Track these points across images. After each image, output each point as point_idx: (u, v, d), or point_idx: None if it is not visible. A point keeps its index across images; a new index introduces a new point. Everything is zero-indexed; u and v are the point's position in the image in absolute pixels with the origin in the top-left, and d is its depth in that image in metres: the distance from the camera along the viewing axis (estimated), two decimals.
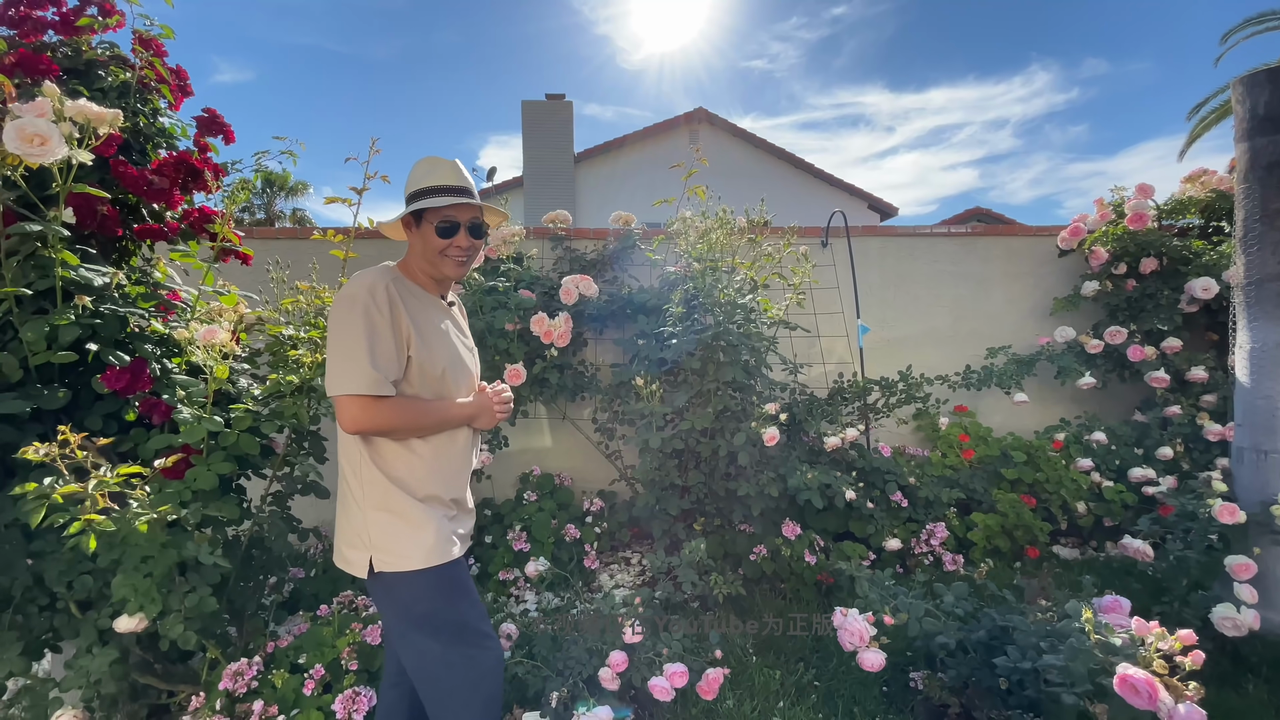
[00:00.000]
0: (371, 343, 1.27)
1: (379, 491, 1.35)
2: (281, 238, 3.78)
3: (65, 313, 1.62)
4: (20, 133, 1.37)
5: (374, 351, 1.27)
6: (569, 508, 3.57)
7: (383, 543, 1.34)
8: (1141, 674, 1.50)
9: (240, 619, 2.22)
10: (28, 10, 1.96)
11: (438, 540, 1.36)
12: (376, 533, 1.34)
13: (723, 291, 2.83)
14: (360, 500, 1.36)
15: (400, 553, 1.34)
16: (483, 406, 1.50)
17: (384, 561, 1.34)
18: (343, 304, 1.30)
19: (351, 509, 1.39)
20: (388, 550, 1.34)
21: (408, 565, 1.33)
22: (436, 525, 1.37)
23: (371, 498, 1.35)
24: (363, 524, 1.35)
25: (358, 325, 1.27)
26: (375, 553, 1.34)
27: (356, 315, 1.28)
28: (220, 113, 2.07)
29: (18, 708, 2.12)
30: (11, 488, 1.73)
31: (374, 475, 1.36)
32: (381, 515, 1.35)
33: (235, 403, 1.94)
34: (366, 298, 1.29)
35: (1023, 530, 3.22)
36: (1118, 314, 3.94)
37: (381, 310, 1.29)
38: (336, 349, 1.29)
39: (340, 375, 1.27)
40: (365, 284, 1.31)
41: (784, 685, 2.27)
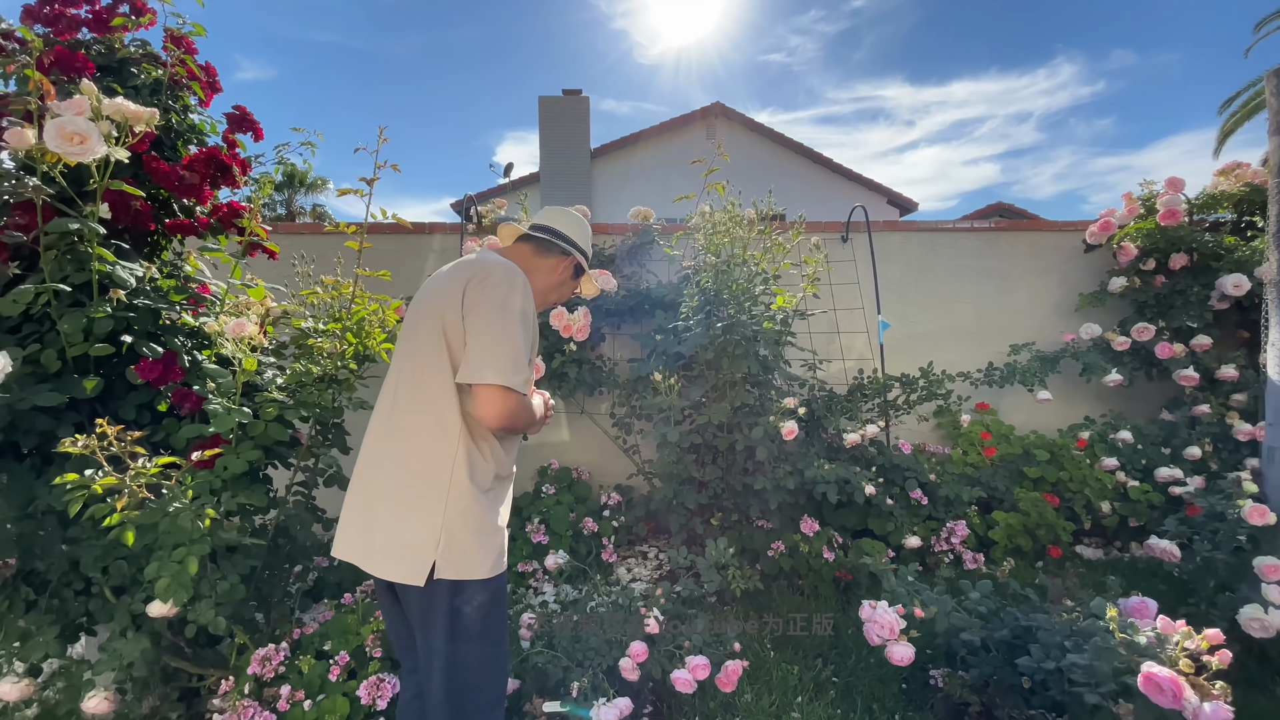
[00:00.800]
0: (524, 338, 1.30)
1: (468, 491, 1.29)
2: (304, 233, 3.84)
3: (101, 306, 1.66)
4: (61, 131, 1.40)
5: (525, 348, 1.31)
6: (587, 501, 3.59)
7: (459, 546, 1.27)
8: (1167, 672, 1.47)
9: (267, 606, 2.27)
10: (62, 8, 2.01)
11: (500, 549, 1.35)
12: (455, 535, 1.27)
13: (736, 284, 2.82)
14: (443, 497, 1.28)
15: (474, 561, 1.28)
16: (544, 411, 1.55)
17: (453, 568, 1.26)
18: (505, 293, 1.31)
19: (424, 504, 1.28)
20: (461, 557, 1.27)
21: (477, 573, 1.28)
22: (504, 534, 1.37)
23: (458, 496, 1.28)
24: (437, 522, 1.27)
25: (517, 321, 1.30)
26: (443, 559, 1.25)
27: (516, 311, 1.30)
28: (249, 109, 2.10)
29: (52, 689, 2.19)
30: (49, 475, 1.79)
31: (466, 471, 1.29)
32: (462, 517, 1.28)
33: (262, 393, 1.98)
34: (527, 295, 1.34)
35: (1045, 529, 3.18)
36: (1146, 310, 3.87)
37: (531, 312, 1.36)
38: (498, 337, 1.28)
39: (497, 365, 1.25)
40: (525, 282, 1.35)
41: (802, 680, 2.27)
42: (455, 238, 3.91)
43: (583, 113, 13.28)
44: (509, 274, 1.34)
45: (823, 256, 3.01)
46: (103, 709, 1.76)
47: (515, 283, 1.33)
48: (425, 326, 1.35)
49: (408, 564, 1.26)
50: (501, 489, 1.41)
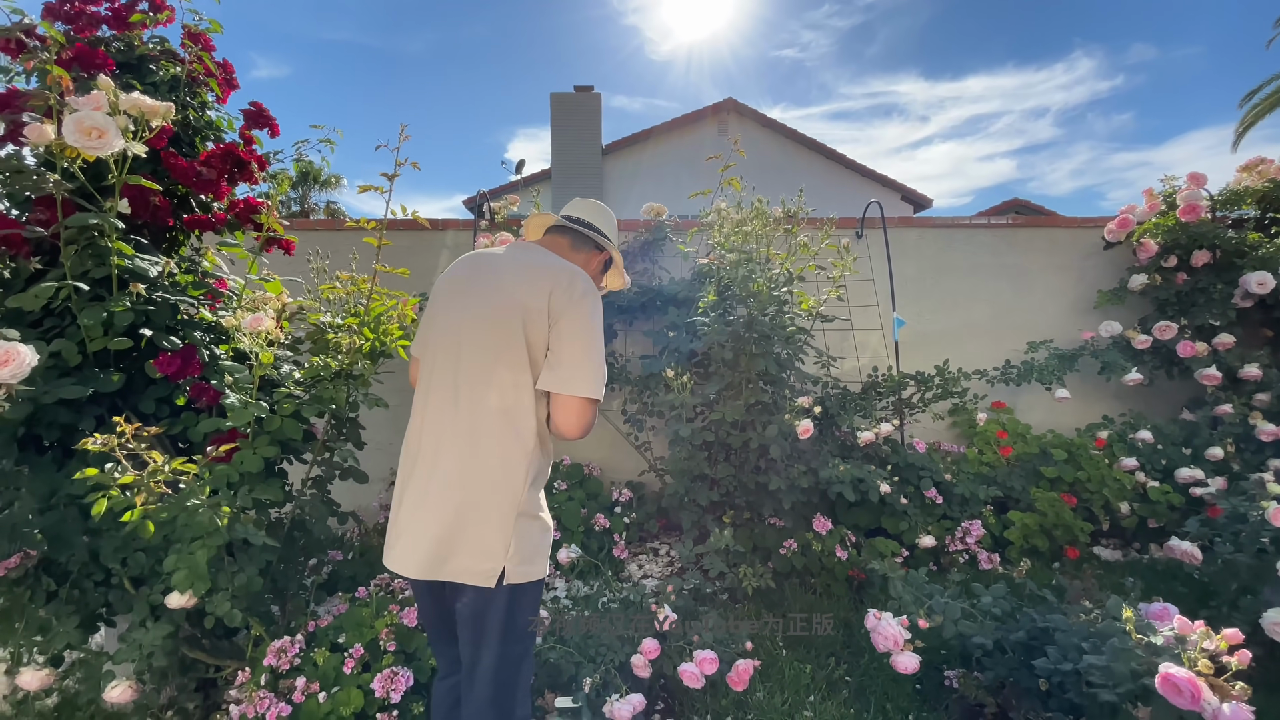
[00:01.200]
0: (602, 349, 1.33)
1: (534, 496, 1.31)
2: (319, 229, 3.86)
3: (121, 300, 1.67)
4: (79, 125, 1.41)
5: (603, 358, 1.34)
6: (598, 498, 3.59)
7: (526, 551, 1.27)
8: (1184, 673, 1.45)
9: (283, 598, 2.29)
10: (82, 5, 2.02)
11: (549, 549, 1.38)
12: (523, 540, 1.27)
13: (757, 283, 2.80)
14: (514, 503, 1.26)
15: (538, 564, 1.31)
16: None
17: (519, 573, 1.26)
18: (593, 305, 1.32)
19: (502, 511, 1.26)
20: (529, 560, 1.28)
21: (539, 575, 1.32)
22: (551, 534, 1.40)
23: (530, 500, 1.29)
24: (505, 528, 1.25)
25: (599, 328, 1.32)
26: (511, 564, 1.25)
27: (599, 317, 1.32)
28: (265, 106, 2.11)
29: (72, 678, 2.23)
30: (71, 467, 1.81)
31: (532, 476, 1.30)
32: (530, 522, 1.29)
33: (278, 388, 1.99)
34: (600, 303, 1.35)
35: (1062, 530, 3.14)
36: (1167, 308, 3.80)
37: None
38: (589, 350, 1.28)
39: (588, 378, 1.27)
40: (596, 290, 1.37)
41: (815, 679, 2.26)
42: (468, 234, 3.92)
43: (594, 109, 13.26)
44: (592, 284, 1.35)
45: (850, 260, 2.98)
46: (124, 698, 1.78)
47: (595, 290, 1.35)
48: (501, 324, 1.28)
49: (480, 568, 1.24)
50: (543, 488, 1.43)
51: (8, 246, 1.68)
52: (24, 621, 1.85)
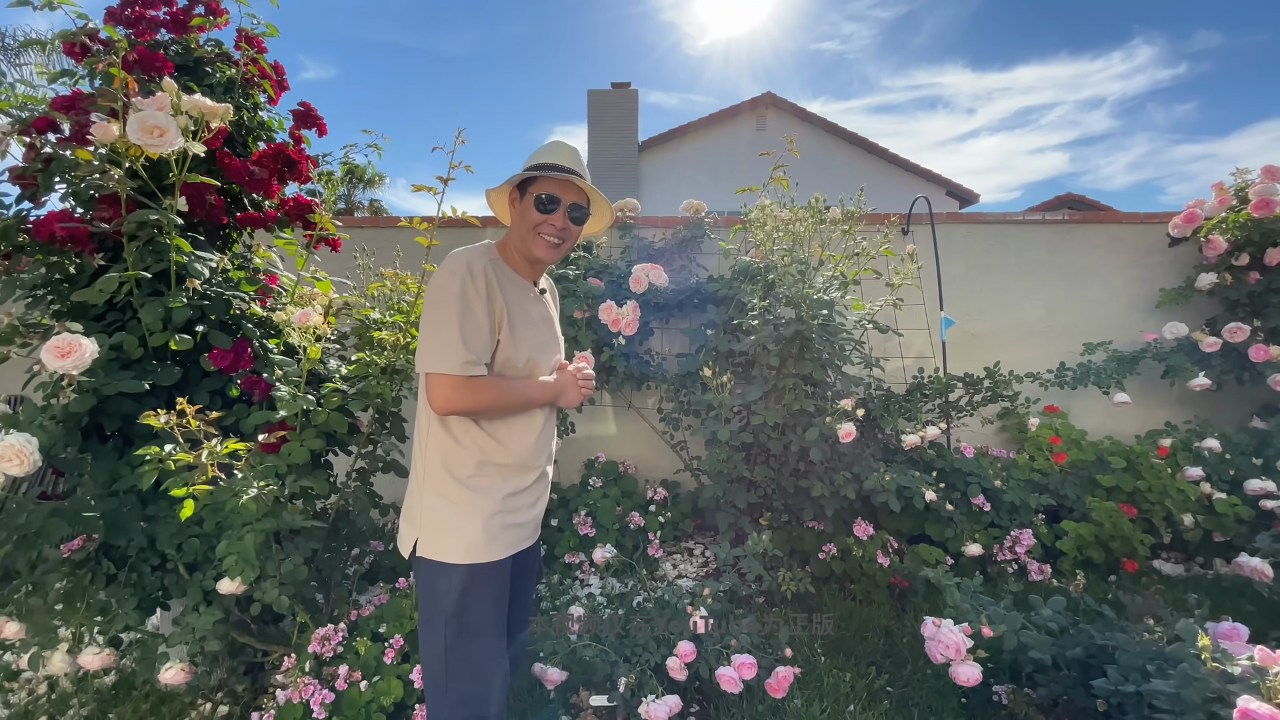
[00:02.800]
0: (463, 320, 1.25)
1: (438, 474, 1.34)
2: (365, 226, 3.94)
3: (178, 295, 1.73)
4: (142, 124, 1.46)
5: (465, 330, 1.25)
6: (633, 496, 3.58)
7: (430, 528, 1.33)
8: (1266, 709, 1.35)
9: (327, 587, 2.34)
10: (142, 10, 2.10)
11: (483, 538, 1.32)
12: (428, 516, 1.34)
13: (809, 286, 2.73)
14: (421, 480, 1.36)
15: (443, 542, 1.32)
16: (566, 384, 1.47)
17: (426, 547, 1.33)
18: (441, 280, 1.28)
19: (413, 484, 1.40)
20: (433, 537, 1.33)
21: (445, 556, 1.31)
22: (485, 521, 1.32)
23: (432, 480, 1.34)
24: (419, 504, 1.35)
25: (454, 303, 1.25)
26: (421, 535, 1.34)
27: (453, 293, 1.26)
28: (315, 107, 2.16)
29: (129, 659, 2.32)
30: (130, 456, 1.89)
31: (439, 457, 1.34)
32: (437, 500, 1.33)
33: (325, 382, 2.03)
34: (465, 275, 1.26)
35: (1120, 542, 2.99)
36: (1237, 309, 3.58)
37: (479, 290, 1.27)
38: (432, 326, 1.27)
39: (434, 353, 1.26)
40: (464, 262, 1.28)
41: (855, 688, 2.20)
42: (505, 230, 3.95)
43: (631, 105, 13.27)
44: (448, 262, 1.31)
45: (914, 270, 2.89)
46: (178, 679, 1.84)
47: (452, 262, 1.30)
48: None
49: (405, 532, 1.39)
50: (514, 458, 1.38)
51: (74, 244, 1.75)
52: (85, 603, 1.93)
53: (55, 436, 1.68)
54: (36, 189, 1.90)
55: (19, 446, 1.52)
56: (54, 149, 1.86)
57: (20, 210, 1.91)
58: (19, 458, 1.51)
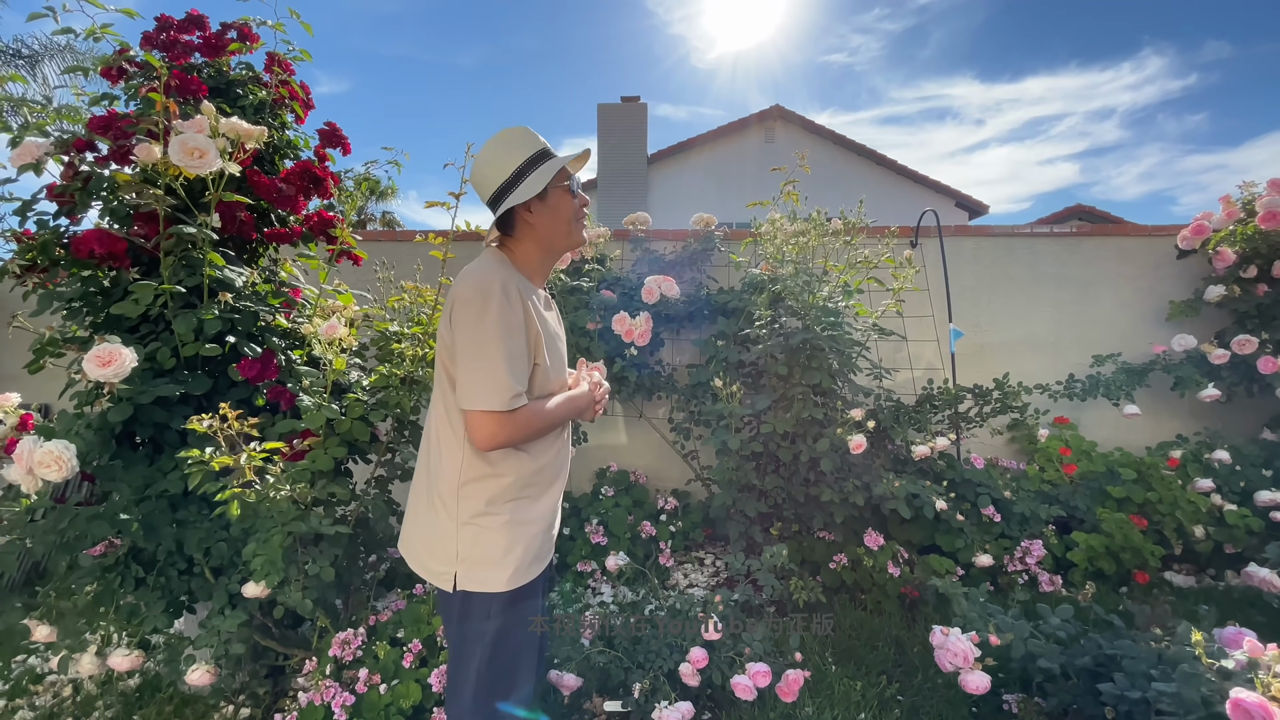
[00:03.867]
0: (509, 351, 1.17)
1: (476, 505, 1.26)
2: (382, 239, 4.03)
3: (210, 308, 1.80)
4: (183, 146, 1.54)
5: (511, 362, 1.17)
6: (644, 505, 3.62)
7: (473, 563, 1.25)
8: (1255, 698, 1.39)
9: (345, 593, 2.39)
10: (176, 35, 2.19)
11: (526, 560, 1.28)
12: (466, 549, 1.25)
13: (814, 295, 2.78)
14: (454, 511, 1.26)
15: (488, 574, 1.25)
16: (588, 400, 1.43)
17: (468, 580, 1.25)
18: (477, 302, 1.18)
19: (440, 518, 1.28)
20: (474, 570, 1.25)
21: (491, 587, 1.25)
22: (527, 542, 1.28)
23: (469, 510, 1.26)
24: (453, 537, 1.26)
25: (495, 330, 1.16)
26: (461, 569, 1.25)
27: (493, 316, 1.16)
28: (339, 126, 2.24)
29: (153, 661, 2.38)
30: (161, 461, 1.95)
31: (478, 485, 1.26)
32: (476, 531, 1.25)
33: (347, 392, 2.10)
34: (500, 297, 1.17)
35: (1131, 553, 2.99)
36: (1246, 321, 3.59)
37: (516, 312, 1.19)
38: (473, 357, 1.18)
39: (477, 388, 1.17)
40: (496, 280, 1.19)
41: (866, 697, 2.22)
42: None
43: (640, 119, 13.41)
44: (477, 282, 1.20)
45: (912, 274, 2.94)
46: (203, 681, 1.89)
47: (483, 282, 1.19)
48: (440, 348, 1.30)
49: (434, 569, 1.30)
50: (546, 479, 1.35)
51: (111, 259, 1.82)
52: (114, 606, 1.99)
53: (91, 444, 1.75)
54: (74, 206, 1.99)
55: (58, 452, 1.59)
56: (92, 168, 1.95)
57: (58, 226, 2.00)
58: (58, 463, 1.58)
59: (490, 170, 1.29)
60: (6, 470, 1.80)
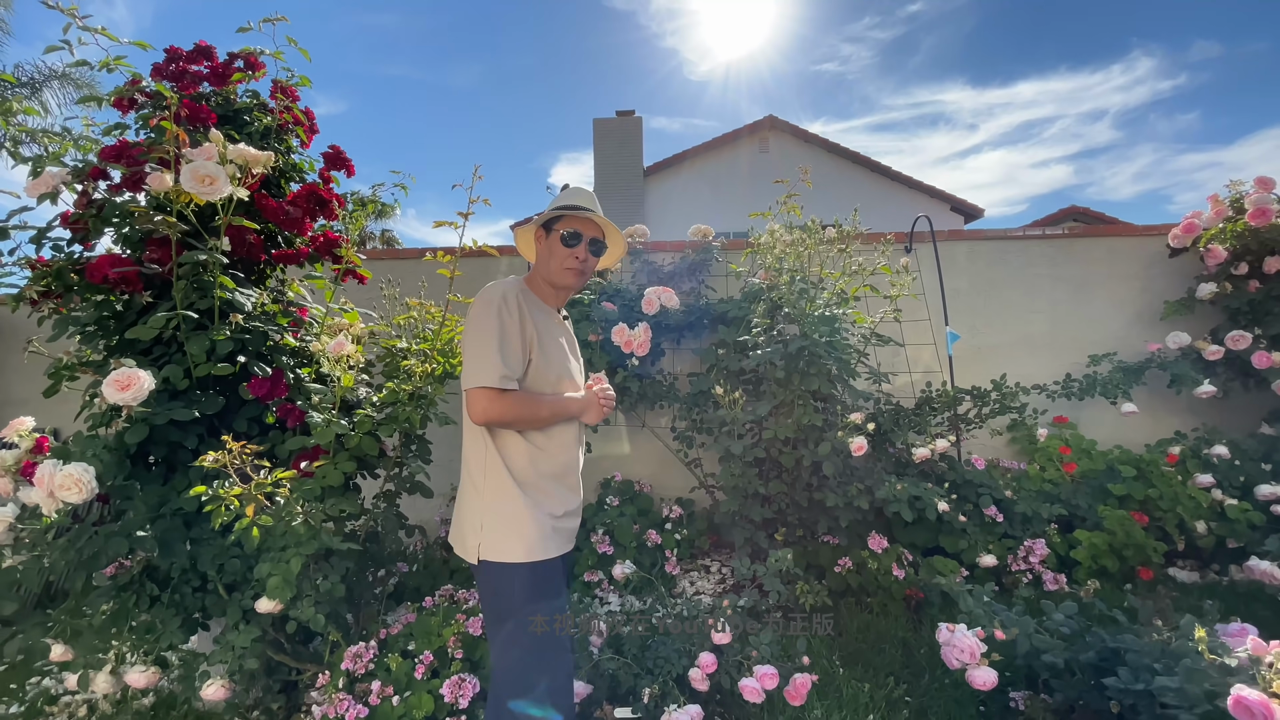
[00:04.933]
0: (501, 341, 1.42)
1: (496, 482, 1.47)
2: (386, 258, 4.09)
3: (222, 329, 1.85)
4: (194, 174, 1.59)
5: (503, 349, 1.41)
6: (649, 514, 3.64)
7: (492, 532, 1.46)
8: (1257, 695, 1.41)
9: (356, 607, 2.42)
10: (185, 65, 2.26)
11: (539, 537, 1.45)
12: (489, 521, 1.46)
13: (810, 303, 2.83)
14: (481, 489, 1.49)
15: (505, 544, 1.44)
16: (590, 401, 1.61)
17: (489, 550, 1.45)
18: (479, 307, 1.46)
19: (471, 497, 1.51)
20: (495, 540, 1.45)
21: (509, 557, 1.44)
22: (539, 522, 1.46)
23: (490, 488, 1.47)
24: (480, 511, 1.48)
25: (491, 325, 1.42)
26: (484, 541, 1.46)
27: (490, 316, 1.43)
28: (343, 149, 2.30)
29: (167, 678, 2.40)
30: (175, 481, 1.99)
31: (495, 466, 1.47)
32: (495, 505, 1.46)
33: (355, 408, 2.14)
34: (500, 302, 1.45)
35: (1133, 550, 3.01)
36: (1239, 317, 3.63)
37: (511, 314, 1.44)
38: (472, 346, 1.44)
39: (473, 370, 1.41)
40: (499, 291, 1.47)
41: (873, 699, 2.24)
42: (522, 260, 4.08)
43: (635, 132, 13.55)
44: (483, 293, 1.49)
45: (909, 280, 2.99)
46: (218, 696, 1.92)
47: (488, 292, 1.48)
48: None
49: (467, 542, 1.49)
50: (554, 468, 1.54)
51: (125, 284, 1.87)
52: (129, 624, 2.02)
53: (107, 465, 1.79)
54: (87, 232, 2.04)
55: (77, 475, 1.63)
56: (105, 196, 2.01)
57: (72, 253, 2.05)
58: (78, 486, 1.62)
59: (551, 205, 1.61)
60: (25, 492, 1.84)
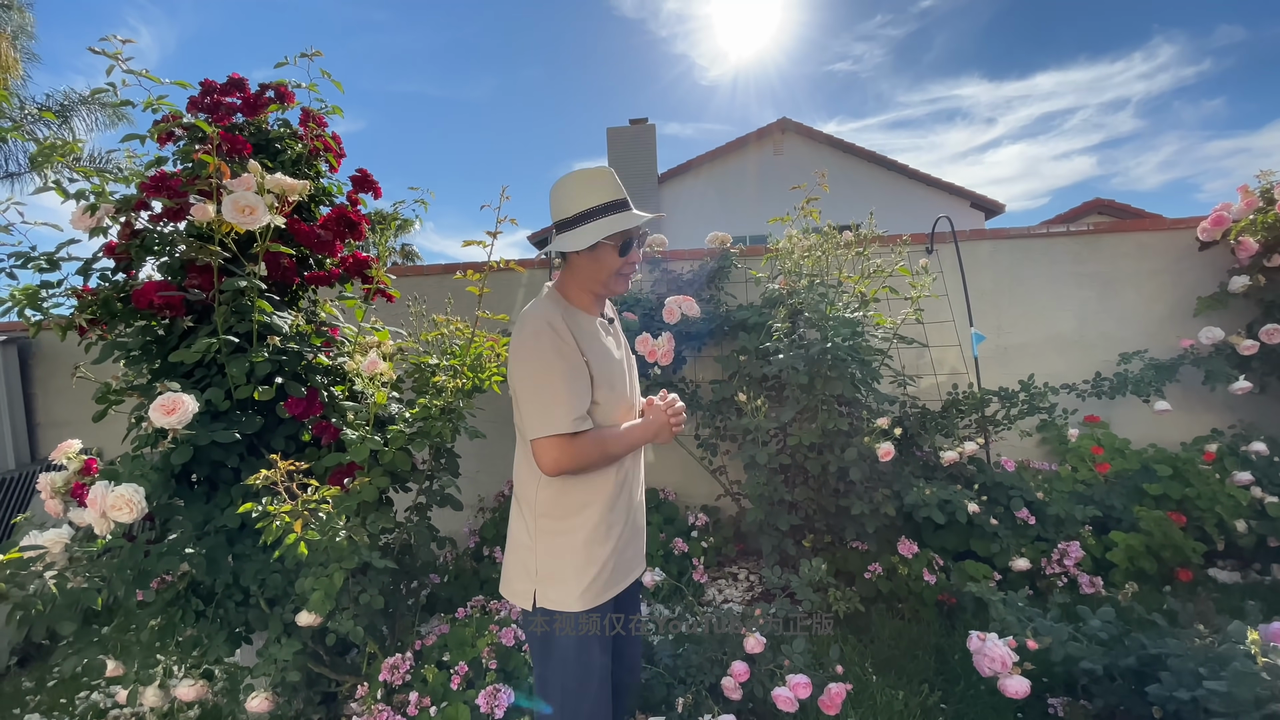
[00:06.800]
0: (566, 380, 1.27)
1: (550, 526, 1.38)
2: (410, 274, 4.17)
3: (260, 351, 1.91)
4: (235, 205, 1.66)
5: (570, 388, 1.27)
6: (675, 522, 3.65)
7: (546, 579, 1.38)
8: None
9: (391, 619, 2.46)
10: (219, 98, 2.34)
11: (598, 581, 1.38)
12: (541, 568, 1.38)
13: (831, 307, 2.83)
14: (533, 531, 1.39)
15: (561, 593, 1.36)
16: (661, 423, 1.46)
17: (545, 598, 1.37)
18: (528, 342, 1.30)
19: (522, 537, 1.42)
20: (549, 587, 1.37)
21: (565, 606, 1.36)
22: (599, 565, 1.38)
23: (542, 533, 1.38)
24: (533, 555, 1.39)
25: (550, 364, 1.27)
26: (539, 588, 1.38)
27: (546, 354, 1.28)
28: (370, 172, 2.37)
29: (212, 692, 2.46)
30: (218, 498, 2.06)
31: (548, 509, 1.38)
32: (550, 549, 1.38)
33: (388, 424, 2.19)
34: (552, 335, 1.28)
35: (1172, 551, 2.95)
36: (1274, 310, 3.54)
37: (567, 343, 1.29)
38: (531, 391, 1.29)
39: (539, 417, 1.27)
40: (543, 320, 1.30)
41: (908, 706, 2.22)
42: (543, 272, 4.13)
43: (649, 140, 13.60)
44: (524, 323, 1.33)
45: (929, 281, 2.98)
46: (263, 708, 1.97)
47: (534, 323, 1.31)
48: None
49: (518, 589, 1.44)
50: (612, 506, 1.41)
51: (169, 309, 1.95)
52: (175, 639, 2.08)
53: (154, 484, 1.86)
54: (130, 261, 2.13)
55: (128, 496, 1.70)
56: (147, 226, 2.09)
57: (117, 281, 2.14)
58: (129, 506, 1.69)
59: (564, 201, 1.38)
60: (74, 513, 1.92)
